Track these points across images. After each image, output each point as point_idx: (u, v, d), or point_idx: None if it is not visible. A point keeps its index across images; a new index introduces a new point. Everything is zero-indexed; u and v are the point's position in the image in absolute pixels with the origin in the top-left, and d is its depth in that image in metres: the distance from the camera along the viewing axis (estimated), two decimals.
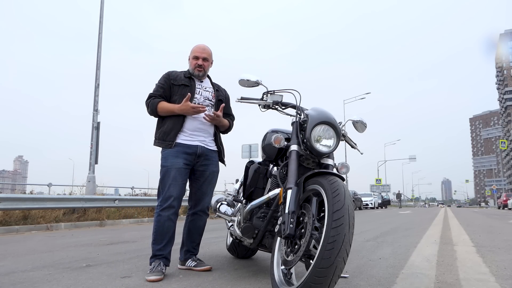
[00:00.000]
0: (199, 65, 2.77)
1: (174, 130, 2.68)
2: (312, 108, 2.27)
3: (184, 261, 2.79)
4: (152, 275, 2.39)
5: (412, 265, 3.03)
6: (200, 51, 2.80)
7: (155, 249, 2.57)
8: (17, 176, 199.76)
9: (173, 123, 2.70)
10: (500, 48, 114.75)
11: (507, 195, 30.77)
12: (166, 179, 2.62)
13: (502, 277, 2.60)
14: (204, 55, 2.80)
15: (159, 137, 2.73)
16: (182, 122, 2.71)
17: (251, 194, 2.57)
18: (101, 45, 10.55)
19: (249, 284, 2.30)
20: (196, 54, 2.79)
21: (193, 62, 2.79)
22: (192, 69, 2.80)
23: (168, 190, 2.60)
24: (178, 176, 2.63)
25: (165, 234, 2.58)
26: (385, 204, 35.50)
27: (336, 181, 1.84)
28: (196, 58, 2.79)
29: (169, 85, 2.77)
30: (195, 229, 2.82)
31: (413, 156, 49.26)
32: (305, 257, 1.84)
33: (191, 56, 2.82)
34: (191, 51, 2.83)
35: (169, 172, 2.62)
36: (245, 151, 15.18)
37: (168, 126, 2.70)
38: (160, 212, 2.59)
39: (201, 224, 2.85)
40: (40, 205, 7.14)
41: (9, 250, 3.91)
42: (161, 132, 2.72)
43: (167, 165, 2.64)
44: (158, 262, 2.52)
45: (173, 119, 2.70)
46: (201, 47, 2.84)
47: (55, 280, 2.40)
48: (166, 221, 2.58)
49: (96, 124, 9.95)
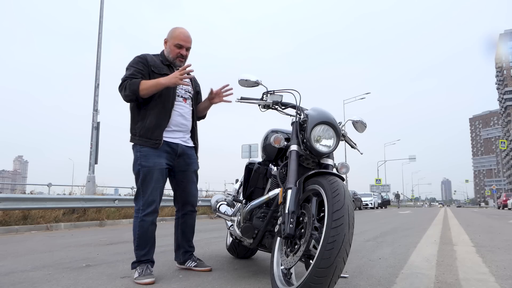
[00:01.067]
0: (182, 55, 2.57)
1: (160, 127, 2.46)
2: (312, 108, 2.27)
3: (183, 262, 2.74)
4: (145, 278, 2.28)
5: (412, 265, 3.03)
6: (185, 39, 2.56)
7: (140, 255, 2.42)
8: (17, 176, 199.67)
9: (157, 117, 2.46)
10: (500, 48, 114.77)
11: (507, 195, 30.79)
12: (148, 181, 2.43)
13: (501, 277, 2.60)
14: (189, 45, 2.59)
15: (140, 134, 2.46)
16: (168, 117, 2.50)
17: (251, 194, 2.57)
18: (101, 45, 10.55)
19: (249, 284, 2.30)
20: (180, 42, 2.55)
21: (175, 51, 2.55)
22: (173, 58, 2.56)
23: (152, 194, 2.43)
24: (161, 178, 2.47)
25: (149, 239, 2.44)
26: (385, 204, 35.50)
27: (336, 181, 1.85)
28: (179, 46, 2.55)
29: (148, 72, 2.50)
30: (188, 229, 2.75)
31: (413, 156, 49.29)
32: (305, 257, 1.84)
33: (172, 42, 2.55)
34: (173, 36, 2.56)
35: (152, 173, 2.43)
36: (245, 151, 15.19)
37: (151, 121, 2.46)
38: (144, 218, 2.41)
39: (192, 223, 2.77)
40: (40, 205, 7.13)
41: (9, 250, 3.91)
42: (143, 128, 2.46)
43: (149, 165, 2.43)
44: (145, 265, 2.39)
45: (158, 113, 2.47)
46: (186, 33, 2.57)
47: (55, 280, 2.40)
48: (150, 226, 2.43)
49: (96, 124, 9.95)
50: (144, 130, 2.46)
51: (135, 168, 2.49)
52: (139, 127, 2.48)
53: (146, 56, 2.56)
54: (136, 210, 2.47)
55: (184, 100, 2.62)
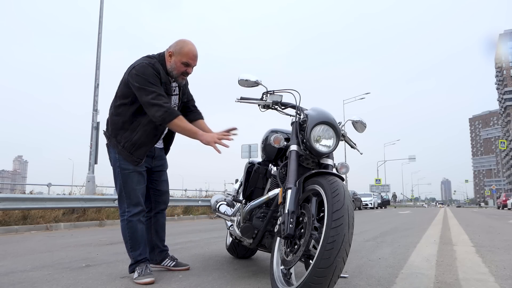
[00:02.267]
0: (187, 73, 2.51)
1: (147, 146, 2.45)
2: (312, 108, 2.27)
3: (160, 261, 2.71)
4: (144, 278, 2.28)
5: (412, 265, 3.03)
6: (194, 58, 2.48)
7: (136, 255, 2.41)
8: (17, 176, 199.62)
9: (146, 136, 2.43)
10: (499, 48, 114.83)
11: (507, 195, 30.81)
12: (130, 183, 2.42)
13: (501, 277, 2.60)
14: (196, 63, 2.51)
15: (124, 146, 2.41)
16: (157, 139, 2.52)
17: (251, 194, 2.57)
18: (101, 45, 10.55)
19: (249, 284, 2.30)
20: (189, 61, 2.46)
21: (182, 68, 2.46)
22: (177, 74, 2.48)
23: (136, 196, 2.44)
24: (142, 179, 2.49)
25: (140, 238, 2.43)
26: (384, 204, 35.51)
27: (336, 181, 1.85)
28: (187, 64, 2.46)
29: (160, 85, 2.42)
30: (161, 227, 2.74)
31: (413, 156, 49.31)
32: (305, 257, 1.84)
33: (180, 58, 2.44)
34: (181, 53, 2.44)
35: (133, 176, 2.43)
36: (245, 151, 15.19)
37: (139, 137, 2.41)
38: (130, 218, 2.41)
39: (164, 221, 2.78)
40: (39, 205, 7.13)
41: (8, 250, 3.90)
42: (129, 141, 2.40)
43: (130, 168, 2.43)
44: (144, 265, 2.38)
45: (149, 132, 2.43)
46: (195, 51, 2.48)
47: (55, 280, 2.40)
48: (138, 224, 2.43)
49: (96, 124, 9.95)
50: (129, 143, 2.41)
51: (115, 170, 2.47)
52: (126, 137, 2.42)
53: (158, 69, 2.40)
54: (121, 213, 2.46)
55: None
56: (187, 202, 12.09)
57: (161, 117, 2.28)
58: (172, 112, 2.31)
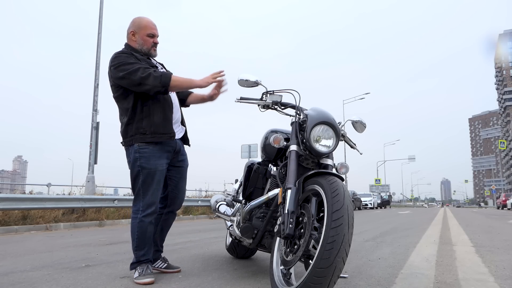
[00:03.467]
0: (155, 44, 2.53)
1: (169, 120, 2.46)
2: (312, 108, 2.27)
3: (153, 261, 2.60)
4: (145, 278, 2.28)
5: (411, 265, 3.03)
6: (155, 27, 2.53)
7: (140, 255, 2.41)
8: (16, 176, 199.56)
9: (163, 111, 2.45)
10: (499, 49, 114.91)
11: (506, 195, 30.81)
12: (149, 182, 2.40)
13: (501, 277, 2.60)
14: (158, 33, 2.55)
15: (152, 131, 2.39)
16: (171, 109, 2.50)
17: (251, 194, 2.57)
18: (101, 45, 10.55)
19: (249, 284, 2.30)
20: (152, 32, 2.51)
21: (149, 41, 2.50)
22: (148, 48, 2.51)
23: (152, 195, 2.42)
24: (162, 179, 2.46)
25: (148, 239, 2.43)
26: (384, 204, 35.51)
27: (336, 181, 1.85)
28: (152, 35, 2.51)
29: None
30: (166, 228, 2.71)
31: (413, 156, 49.36)
32: (305, 257, 1.84)
33: (143, 32, 2.49)
34: (141, 27, 2.50)
35: (153, 175, 2.41)
36: (245, 151, 15.20)
37: (159, 116, 2.42)
38: (143, 218, 2.39)
39: (172, 222, 2.74)
40: (39, 205, 7.12)
41: (8, 250, 3.90)
42: (153, 124, 2.39)
43: (150, 167, 2.39)
44: (145, 265, 2.38)
45: (162, 107, 2.45)
46: (153, 22, 2.54)
47: (54, 280, 2.40)
48: (148, 226, 2.42)
49: (96, 124, 9.94)
50: (154, 127, 2.40)
51: (134, 169, 2.43)
52: (146, 125, 2.40)
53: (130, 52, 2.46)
54: (134, 211, 2.44)
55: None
56: (187, 202, 12.07)
57: (161, 82, 2.32)
58: (165, 73, 2.38)
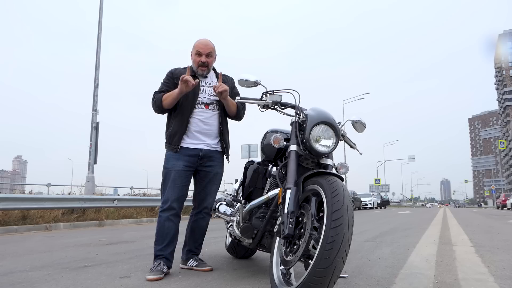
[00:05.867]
0: (203, 63, 2.67)
1: (179, 133, 2.65)
2: (311, 108, 2.27)
3: (186, 260, 2.79)
4: (151, 275, 2.41)
5: (411, 265, 3.03)
6: (203, 47, 2.67)
7: (156, 250, 2.59)
8: (16, 176, 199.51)
9: (178, 125, 2.66)
10: (499, 49, 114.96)
11: (506, 195, 30.83)
12: (166, 181, 2.65)
13: (501, 277, 2.60)
14: (208, 51, 2.67)
15: (167, 140, 2.72)
16: (186, 123, 2.65)
17: (250, 194, 2.57)
18: (100, 45, 10.55)
19: (248, 284, 2.30)
20: (199, 50, 2.66)
21: (196, 60, 2.67)
22: (196, 67, 2.69)
23: (168, 192, 2.62)
24: (178, 178, 2.63)
25: (165, 235, 2.59)
26: (384, 204, 35.52)
27: (335, 181, 1.85)
28: (199, 54, 2.66)
29: (173, 83, 2.67)
30: (198, 229, 2.82)
31: (412, 156, 49.36)
32: (304, 257, 1.84)
33: (193, 52, 2.70)
34: (194, 46, 2.71)
35: (169, 174, 2.64)
36: (244, 151, 15.19)
37: (173, 129, 2.67)
38: (161, 213, 2.62)
39: (203, 224, 2.83)
40: (39, 205, 7.12)
41: (8, 250, 3.90)
42: (168, 135, 2.71)
43: (168, 167, 2.65)
44: (158, 261, 2.52)
45: (178, 121, 2.67)
46: (204, 42, 2.70)
47: (54, 280, 2.39)
48: (165, 221, 2.60)
49: (95, 124, 9.94)
50: (168, 137, 2.71)
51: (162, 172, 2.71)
52: (167, 134, 2.73)
53: (174, 69, 2.76)
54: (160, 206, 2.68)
55: (205, 106, 2.71)
56: (187, 202, 12.06)
57: (155, 105, 2.66)
58: (157, 96, 2.67)
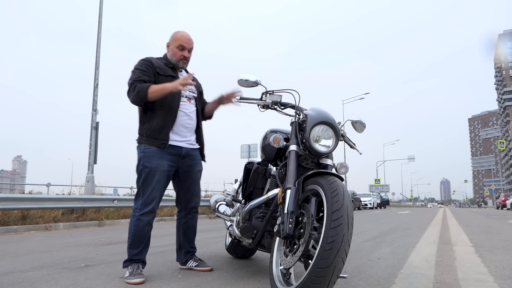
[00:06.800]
0: (185, 57, 2.62)
1: (167, 128, 2.52)
2: (311, 108, 2.27)
3: (185, 262, 2.76)
4: (135, 278, 2.30)
5: (411, 265, 3.03)
6: (187, 41, 2.62)
7: (132, 254, 2.46)
8: (16, 176, 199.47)
9: (163, 118, 2.52)
10: (499, 49, 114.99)
11: (506, 195, 30.84)
12: (149, 181, 2.48)
13: (500, 277, 2.60)
14: (191, 46, 2.64)
15: (147, 134, 2.52)
16: (174, 117, 2.55)
17: (250, 194, 2.57)
18: (100, 45, 10.54)
19: (248, 284, 2.30)
20: (182, 44, 2.60)
21: (178, 53, 2.60)
22: (177, 60, 2.62)
23: (151, 194, 2.49)
24: (162, 179, 2.52)
25: (143, 238, 2.48)
26: (384, 204, 35.52)
27: (335, 181, 1.85)
28: (182, 48, 2.61)
29: (153, 73, 2.54)
30: (190, 229, 2.78)
31: (412, 156, 49.37)
32: (304, 257, 1.84)
33: (174, 44, 2.61)
34: (175, 39, 2.62)
35: (153, 174, 2.48)
36: (244, 151, 15.19)
37: (158, 122, 2.51)
38: (140, 217, 2.46)
39: (194, 224, 2.81)
40: (38, 205, 7.11)
41: (7, 250, 3.90)
42: (150, 128, 2.52)
43: (152, 166, 2.48)
44: (136, 265, 2.41)
45: (164, 114, 2.52)
46: (187, 36, 2.63)
47: (54, 280, 2.39)
48: (145, 225, 2.47)
49: (95, 124, 9.94)
50: (151, 131, 2.52)
51: (138, 168, 2.54)
52: (146, 128, 2.54)
53: (151, 58, 2.61)
54: (134, 209, 2.52)
55: (188, 100, 2.67)
56: None
57: (138, 95, 2.43)
58: (142, 87, 2.45)
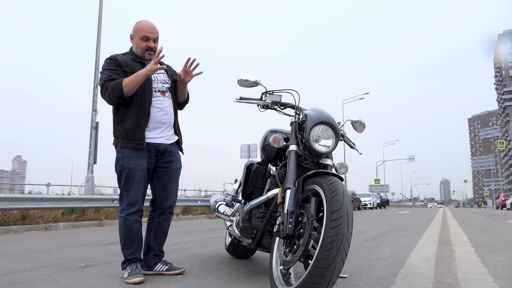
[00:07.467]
0: (150, 48, 2.50)
1: (141, 127, 2.43)
2: (311, 108, 2.27)
3: (152, 266, 2.58)
4: (134, 278, 2.29)
5: (411, 265, 3.03)
6: (150, 31, 2.50)
7: (128, 254, 2.44)
8: (16, 176, 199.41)
9: (136, 117, 2.43)
10: (498, 49, 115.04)
11: (505, 195, 30.85)
12: (130, 182, 2.44)
13: (500, 277, 2.61)
14: (156, 35, 2.52)
15: (122, 136, 2.44)
16: (147, 115, 2.45)
17: (250, 194, 2.57)
18: (100, 45, 10.54)
19: (248, 284, 2.30)
20: (146, 34, 2.49)
21: (143, 44, 2.49)
22: (142, 52, 2.51)
23: (135, 195, 2.45)
24: (143, 178, 2.47)
25: (134, 238, 2.46)
26: (383, 204, 35.53)
27: (335, 181, 1.85)
28: (146, 38, 2.49)
29: (122, 71, 2.45)
30: (162, 231, 2.64)
31: (412, 156, 49.40)
32: (304, 257, 1.85)
33: (138, 35, 2.50)
34: (137, 30, 2.51)
35: (133, 174, 2.43)
36: (244, 151, 15.20)
37: (131, 122, 2.42)
38: (127, 217, 2.44)
39: (167, 225, 2.67)
40: (38, 205, 7.12)
41: (7, 250, 3.90)
42: (124, 130, 2.43)
43: (130, 166, 2.43)
44: (134, 265, 2.39)
45: (136, 111, 2.43)
46: (150, 26, 2.51)
47: (54, 280, 2.39)
48: (134, 224, 2.45)
49: (95, 124, 9.93)
50: (125, 132, 2.44)
51: (117, 169, 2.50)
52: (120, 129, 2.46)
53: (116, 56, 2.52)
54: (120, 210, 2.51)
55: (162, 94, 2.56)
56: (186, 202, 12.09)
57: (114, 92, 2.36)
58: (116, 83, 2.37)
